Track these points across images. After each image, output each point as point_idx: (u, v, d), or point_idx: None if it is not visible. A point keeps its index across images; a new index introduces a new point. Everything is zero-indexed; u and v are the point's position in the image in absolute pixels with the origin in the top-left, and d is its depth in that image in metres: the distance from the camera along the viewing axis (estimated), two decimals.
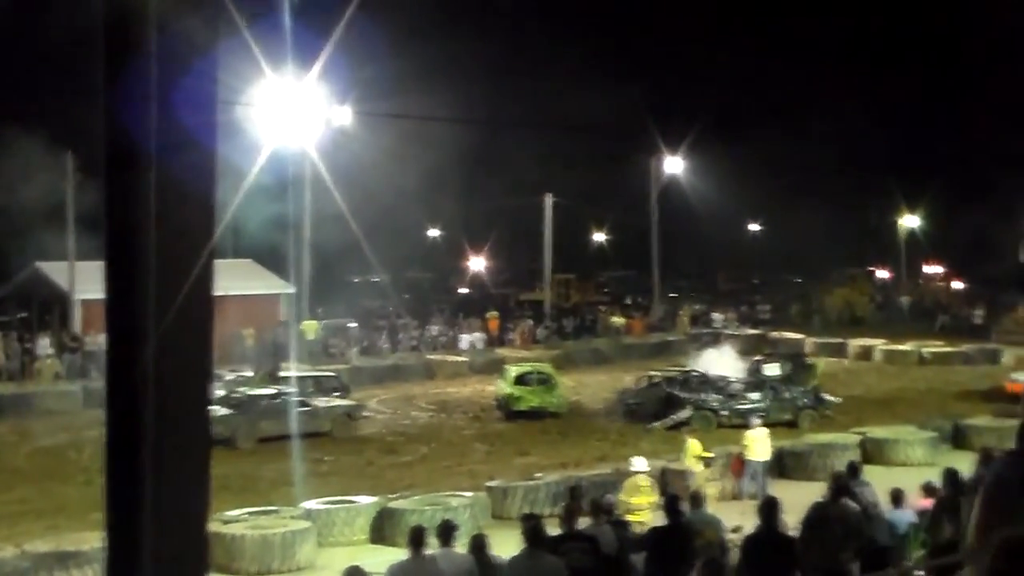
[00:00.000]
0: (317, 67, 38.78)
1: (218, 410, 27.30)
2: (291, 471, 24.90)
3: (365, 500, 19.90)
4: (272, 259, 49.35)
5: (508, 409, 32.52)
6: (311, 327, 45.50)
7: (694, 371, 32.95)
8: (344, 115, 44.00)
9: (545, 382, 33.45)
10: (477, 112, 66.15)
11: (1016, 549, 2.57)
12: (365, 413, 32.23)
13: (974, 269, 70.75)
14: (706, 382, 31.55)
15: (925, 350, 44.50)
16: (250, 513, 18.91)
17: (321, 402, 30.86)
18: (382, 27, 44.70)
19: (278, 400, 29.53)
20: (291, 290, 47.43)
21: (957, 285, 71.49)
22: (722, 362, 33.56)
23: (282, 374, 34.21)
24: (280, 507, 19.60)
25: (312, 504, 19.51)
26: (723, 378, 31.79)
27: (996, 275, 61.56)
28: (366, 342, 48.59)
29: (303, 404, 29.63)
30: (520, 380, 33.34)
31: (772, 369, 32.80)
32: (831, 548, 11.13)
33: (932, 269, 78.32)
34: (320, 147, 43.25)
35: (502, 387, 33.64)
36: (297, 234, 44.94)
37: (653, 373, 34.34)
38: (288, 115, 40.28)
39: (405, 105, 54.39)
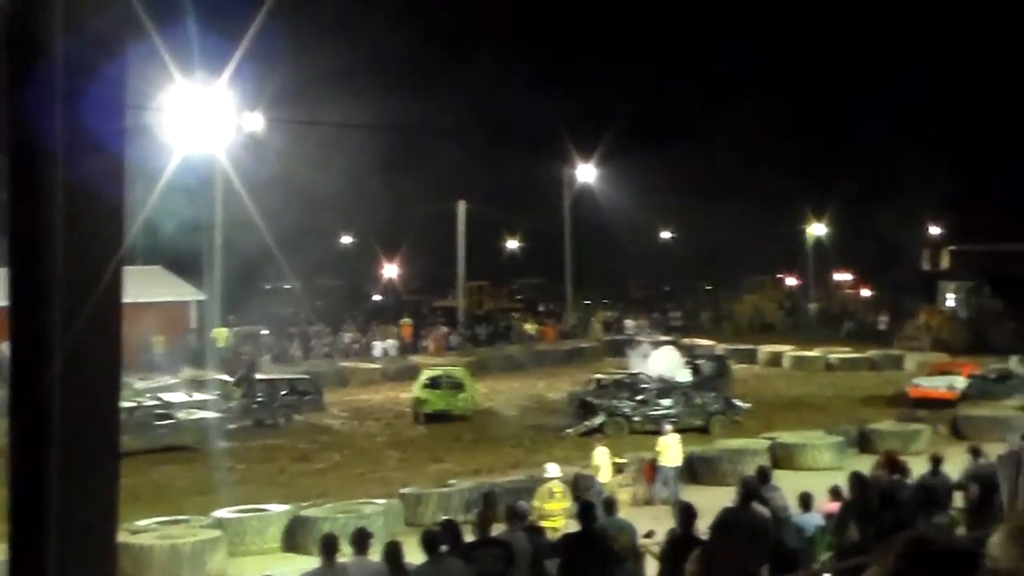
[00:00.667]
0: (228, 73, 38.52)
1: None
2: (202, 480, 24.64)
3: (277, 508, 19.72)
4: (182, 266, 48.78)
5: (417, 412, 32.67)
6: (221, 334, 45.01)
7: (642, 373, 33.30)
8: (256, 121, 43.66)
9: (455, 386, 33.55)
10: (390, 118, 66.06)
11: (919, 550, 2.62)
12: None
13: (879, 276, 72.21)
14: (627, 386, 31.91)
15: (832, 356, 45.27)
16: (159, 523, 18.63)
17: (183, 414, 29.35)
18: (295, 33, 44.59)
19: (138, 412, 27.99)
20: (201, 297, 46.94)
21: (865, 292, 72.74)
22: (665, 364, 33.97)
23: (259, 377, 34.42)
24: (190, 516, 19.32)
25: (223, 513, 19.28)
26: (664, 380, 32.17)
27: (900, 282, 62.82)
28: (277, 349, 48.16)
29: (166, 416, 28.79)
30: (431, 384, 33.48)
31: (684, 375, 33.12)
32: (741, 552, 11.25)
33: (842, 276, 79.57)
34: (232, 153, 42.87)
35: (414, 391, 33.77)
36: (208, 241, 44.42)
37: (601, 376, 34.80)
38: (199, 121, 39.92)
39: (318, 111, 54.06)
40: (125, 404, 27.94)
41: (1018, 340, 42.81)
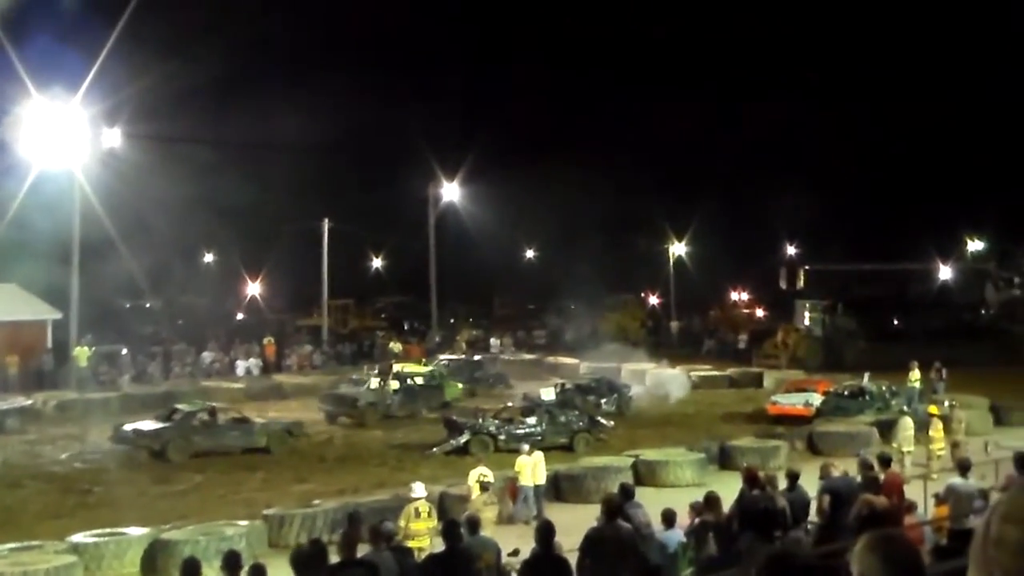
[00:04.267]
0: (85, 88, 37.83)
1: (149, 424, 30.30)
2: (57, 503, 24.01)
3: (136, 531, 19.26)
4: (38, 284, 47.50)
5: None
6: (83, 354, 43.97)
7: (604, 378, 34.43)
8: (114, 137, 42.80)
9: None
10: (254, 135, 65.38)
11: (780, 564, 2.73)
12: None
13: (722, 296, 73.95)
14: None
15: (694, 374, 45.96)
16: (11, 549, 18.08)
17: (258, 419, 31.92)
18: (157, 49, 43.91)
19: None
20: (58, 316, 45.80)
21: (759, 312, 73.64)
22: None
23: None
24: (44, 541, 18.78)
25: (79, 537, 18.80)
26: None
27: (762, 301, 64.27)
28: (137, 369, 47.20)
29: (241, 420, 31.11)
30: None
31: (548, 393, 33.34)
32: (606, 569, 11.41)
33: (737, 295, 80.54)
34: (90, 169, 41.98)
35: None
36: (65, 258, 43.32)
37: (563, 381, 34.99)
38: (55, 136, 39.07)
39: (180, 127, 53.35)
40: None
41: (870, 358, 44.09)
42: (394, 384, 37.62)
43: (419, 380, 38.99)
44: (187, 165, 52.24)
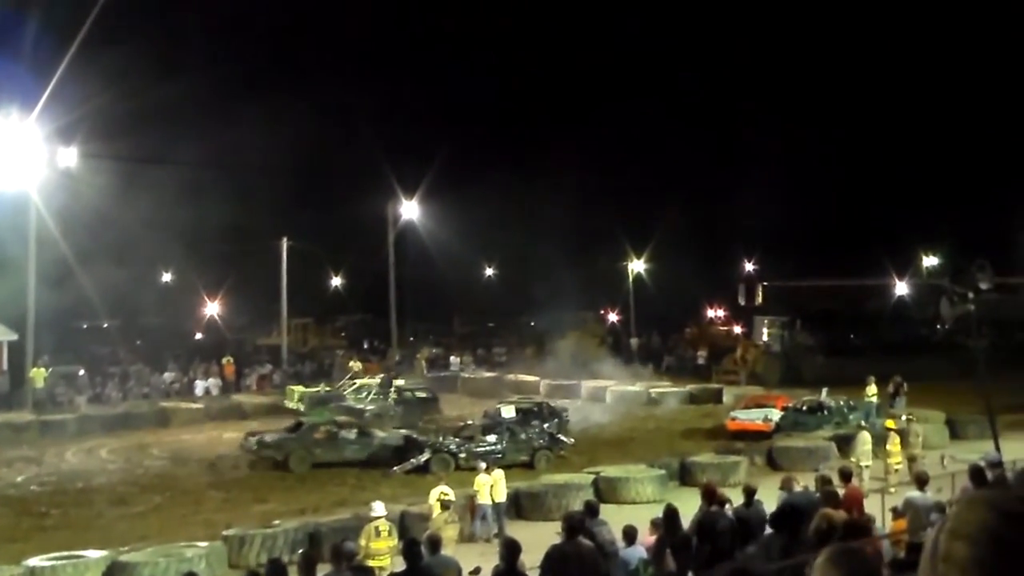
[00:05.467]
0: (39, 108, 37.60)
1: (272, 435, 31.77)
2: (11, 527, 23.78)
3: (94, 554, 19.12)
4: None
5: None
6: (39, 375, 43.59)
7: (544, 402, 35.68)
8: (69, 156, 42.48)
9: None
10: (211, 154, 65.17)
11: None
12: None
13: (701, 311, 74.12)
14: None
15: (653, 390, 46.07)
16: None
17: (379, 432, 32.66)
18: (112, 68, 43.66)
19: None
20: (13, 337, 45.38)
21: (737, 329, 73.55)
22: None
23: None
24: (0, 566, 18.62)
25: (35, 561, 18.62)
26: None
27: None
28: (95, 390, 46.83)
29: (363, 433, 31.91)
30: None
31: (508, 411, 33.31)
32: None
33: (714, 312, 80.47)
34: (45, 189, 41.65)
35: None
36: (21, 279, 42.88)
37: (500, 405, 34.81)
38: (10, 157, 38.79)
39: (136, 147, 52.99)
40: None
41: (828, 373, 44.36)
42: (394, 396, 40.10)
43: (419, 394, 41.73)
44: (144, 184, 51.92)
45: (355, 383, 43.60)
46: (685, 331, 61.59)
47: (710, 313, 64.14)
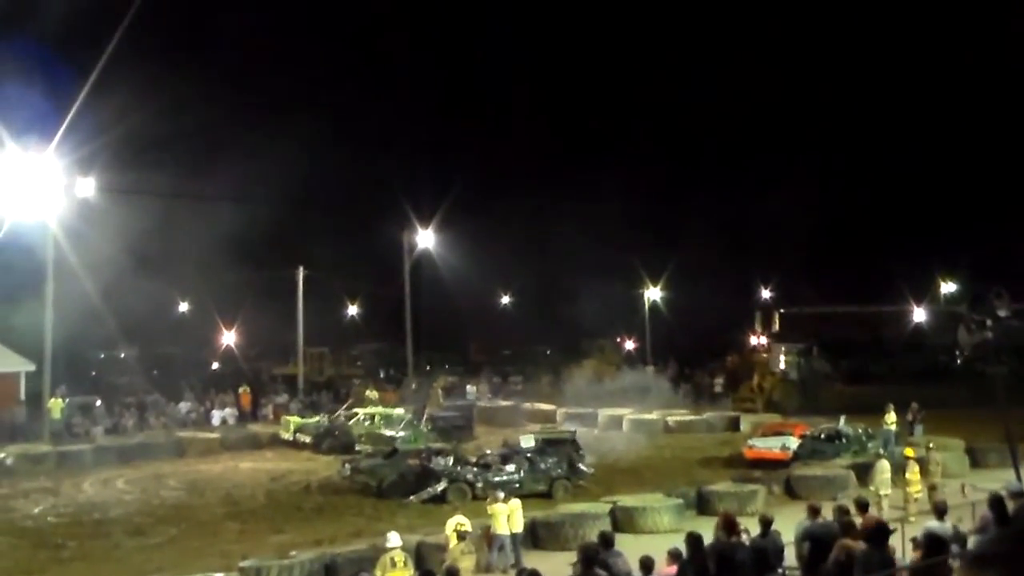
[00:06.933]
0: (57, 139, 37.80)
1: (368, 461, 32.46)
2: (28, 559, 23.75)
3: None
4: (11, 335, 47.22)
5: None
6: (57, 405, 43.68)
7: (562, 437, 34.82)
8: (88, 187, 42.66)
9: None
10: (228, 184, 65.39)
11: None
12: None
13: (717, 338, 73.89)
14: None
15: (670, 419, 45.95)
16: None
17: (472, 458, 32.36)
18: (131, 98, 43.92)
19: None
20: (31, 367, 45.48)
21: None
22: None
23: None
24: None
25: None
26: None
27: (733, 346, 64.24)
28: (112, 420, 46.84)
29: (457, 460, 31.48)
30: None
31: (527, 441, 33.18)
32: None
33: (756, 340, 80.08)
34: (63, 219, 41.82)
35: None
36: (39, 309, 42.99)
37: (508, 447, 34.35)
38: (28, 187, 38.97)
39: (152, 177, 53.21)
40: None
41: (845, 400, 44.18)
42: (428, 424, 41.19)
43: (455, 422, 42.99)
44: (162, 214, 52.21)
45: (355, 413, 43.71)
46: (727, 359, 61.05)
47: (752, 340, 63.72)
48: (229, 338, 71.12)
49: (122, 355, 63.72)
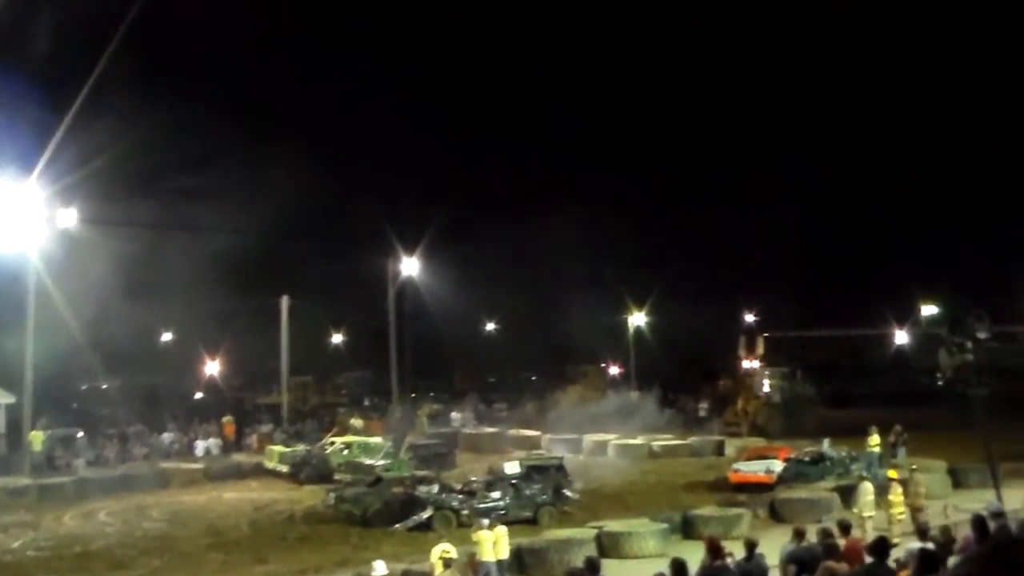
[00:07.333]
0: (38, 170, 37.77)
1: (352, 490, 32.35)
2: None
3: None
4: None
5: None
6: (38, 438, 43.46)
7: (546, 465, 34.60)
8: (70, 217, 42.57)
9: None
10: (209, 213, 65.30)
11: None
12: None
13: (701, 363, 73.98)
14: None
15: (655, 443, 45.96)
16: None
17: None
18: (110, 130, 43.89)
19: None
20: (11, 399, 45.26)
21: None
22: None
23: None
24: None
25: None
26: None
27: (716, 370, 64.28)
28: (94, 452, 46.59)
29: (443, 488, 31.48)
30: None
31: (512, 467, 33.12)
32: None
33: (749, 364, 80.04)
34: (44, 250, 41.69)
35: None
36: (20, 341, 42.80)
37: (491, 475, 34.01)
38: (9, 218, 38.89)
39: (134, 206, 53.09)
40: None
41: (829, 423, 44.30)
42: (408, 453, 40.92)
43: (436, 450, 42.97)
44: (145, 244, 52.07)
45: (334, 442, 43.53)
46: (719, 384, 61.02)
47: (745, 364, 64.03)
48: (213, 368, 70.93)
49: (104, 386, 63.43)
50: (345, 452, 41.65)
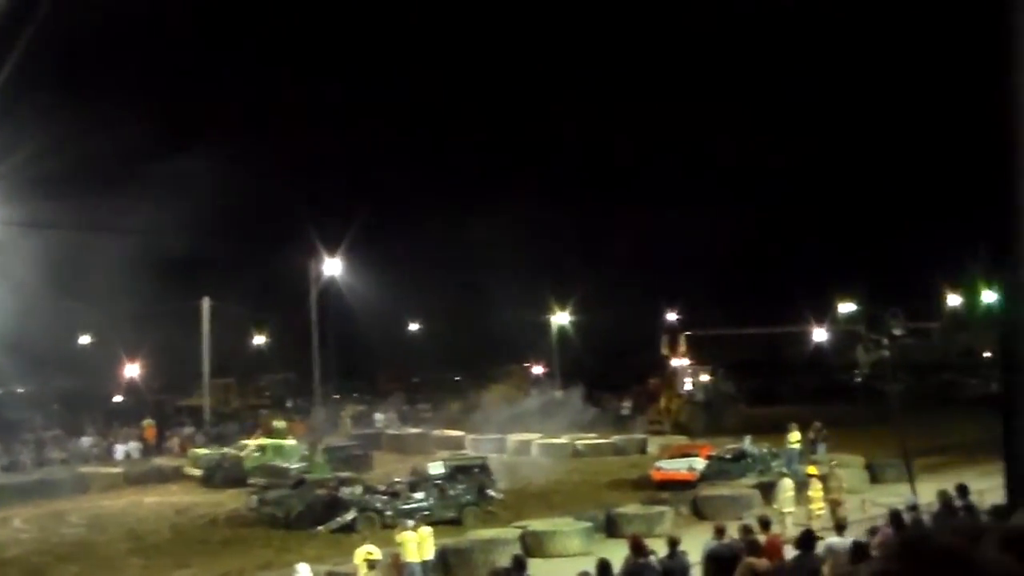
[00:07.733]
0: None
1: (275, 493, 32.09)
2: None
3: None
4: None
5: None
6: None
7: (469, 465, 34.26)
8: None
9: None
10: (127, 214, 64.44)
11: None
12: None
13: (624, 362, 74.42)
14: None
15: (579, 443, 46.13)
16: None
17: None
18: (23, 129, 43.15)
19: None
20: None
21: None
22: None
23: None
24: None
25: None
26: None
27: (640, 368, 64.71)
28: (9, 457, 45.78)
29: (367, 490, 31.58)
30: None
31: (436, 468, 33.09)
32: None
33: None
34: None
35: None
36: None
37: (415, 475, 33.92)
38: None
39: (49, 208, 52.16)
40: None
41: (750, 421, 44.81)
42: (324, 455, 40.33)
43: (352, 451, 42.94)
44: (61, 246, 51.18)
45: (251, 445, 43.13)
46: (648, 382, 61.27)
47: (675, 363, 64.46)
48: (133, 370, 69.90)
49: (20, 390, 62.34)
50: (259, 455, 41.27)
